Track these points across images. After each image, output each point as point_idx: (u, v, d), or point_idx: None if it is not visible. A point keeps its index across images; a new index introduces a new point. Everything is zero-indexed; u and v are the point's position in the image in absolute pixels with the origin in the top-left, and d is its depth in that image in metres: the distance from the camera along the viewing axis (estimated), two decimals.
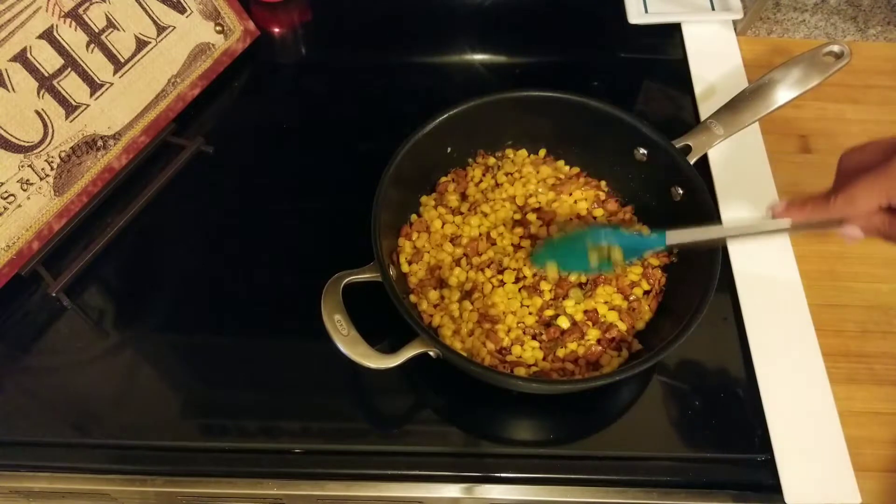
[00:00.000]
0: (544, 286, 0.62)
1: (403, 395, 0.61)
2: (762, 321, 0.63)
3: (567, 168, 0.71)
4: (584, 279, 0.62)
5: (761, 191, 0.71)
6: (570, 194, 0.68)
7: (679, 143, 0.65)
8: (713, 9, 0.86)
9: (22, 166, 0.64)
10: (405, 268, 0.65)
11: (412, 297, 0.63)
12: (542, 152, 0.71)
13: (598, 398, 0.61)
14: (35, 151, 0.65)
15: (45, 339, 0.64)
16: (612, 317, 0.61)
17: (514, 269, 0.63)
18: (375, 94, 0.82)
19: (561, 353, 0.60)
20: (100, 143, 0.70)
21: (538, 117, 0.68)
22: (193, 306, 0.67)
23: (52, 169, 0.66)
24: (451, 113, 0.65)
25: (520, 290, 0.62)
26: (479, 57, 0.85)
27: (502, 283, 0.62)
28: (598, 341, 0.60)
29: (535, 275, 0.62)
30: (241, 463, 0.58)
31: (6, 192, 0.63)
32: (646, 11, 0.86)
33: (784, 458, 0.57)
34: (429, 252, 0.65)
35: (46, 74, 0.65)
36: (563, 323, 0.60)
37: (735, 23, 0.85)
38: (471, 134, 0.68)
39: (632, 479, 0.57)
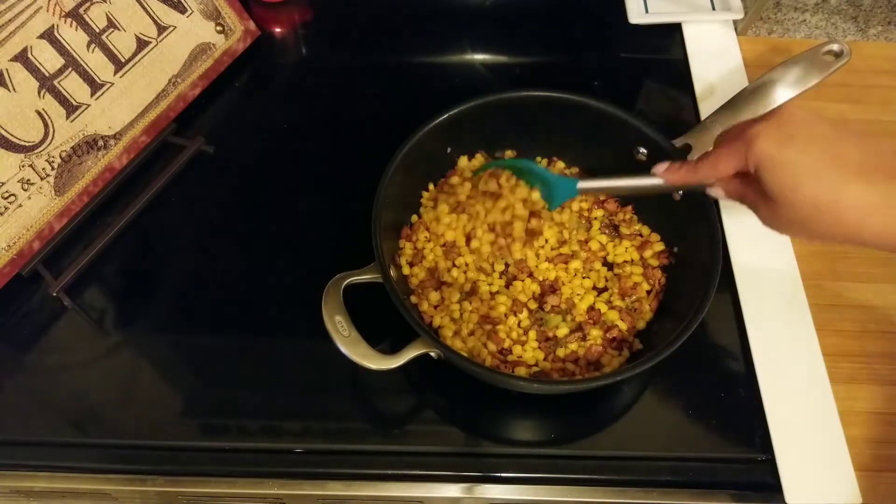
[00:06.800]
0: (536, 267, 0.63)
1: (404, 395, 0.61)
2: (762, 321, 0.63)
3: (567, 168, 0.71)
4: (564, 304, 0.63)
5: None
6: None
7: (679, 143, 0.65)
8: (714, 9, 0.86)
9: (23, 166, 0.64)
10: (406, 269, 0.64)
11: (413, 298, 0.63)
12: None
13: (599, 398, 0.61)
14: (36, 151, 0.65)
15: (46, 338, 0.64)
16: (613, 316, 0.61)
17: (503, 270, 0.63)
18: (375, 94, 0.82)
19: (561, 353, 0.60)
20: (100, 142, 0.70)
21: (538, 117, 0.68)
22: (193, 306, 0.67)
23: (52, 169, 0.66)
24: (451, 113, 0.65)
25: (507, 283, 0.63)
26: (479, 57, 0.85)
27: (507, 286, 0.62)
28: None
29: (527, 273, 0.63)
30: (241, 463, 0.58)
31: (7, 191, 0.63)
32: (646, 11, 0.86)
33: (784, 458, 0.57)
34: (429, 253, 0.65)
35: (47, 74, 0.66)
36: (561, 331, 0.61)
37: (735, 23, 0.85)
38: (471, 134, 0.68)
39: (632, 479, 0.57)
